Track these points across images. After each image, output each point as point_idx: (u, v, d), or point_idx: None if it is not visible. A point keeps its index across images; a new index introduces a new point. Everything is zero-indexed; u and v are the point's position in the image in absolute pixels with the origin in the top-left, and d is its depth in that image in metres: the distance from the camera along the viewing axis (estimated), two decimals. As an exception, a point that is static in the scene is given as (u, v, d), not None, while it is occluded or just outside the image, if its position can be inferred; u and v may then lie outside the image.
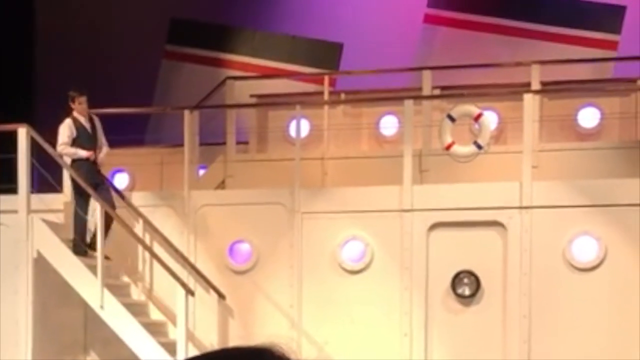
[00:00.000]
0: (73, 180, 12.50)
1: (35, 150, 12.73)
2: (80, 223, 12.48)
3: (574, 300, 11.76)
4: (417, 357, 12.11)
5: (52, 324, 12.64)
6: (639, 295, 11.57)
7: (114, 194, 13.08)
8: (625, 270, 11.70)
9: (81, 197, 12.47)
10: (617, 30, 15.15)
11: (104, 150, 12.82)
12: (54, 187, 12.74)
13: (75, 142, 12.60)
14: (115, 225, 12.56)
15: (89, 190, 12.33)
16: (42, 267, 12.31)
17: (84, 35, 18.62)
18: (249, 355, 1.09)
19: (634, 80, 14.12)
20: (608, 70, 15.06)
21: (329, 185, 13.68)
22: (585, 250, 11.87)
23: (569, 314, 11.74)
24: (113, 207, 12.52)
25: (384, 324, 12.28)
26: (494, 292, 12.01)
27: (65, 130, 12.60)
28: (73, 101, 12.68)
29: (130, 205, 13.00)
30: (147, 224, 12.92)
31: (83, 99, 12.67)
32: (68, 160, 12.65)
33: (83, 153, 12.55)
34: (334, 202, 12.57)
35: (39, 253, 12.32)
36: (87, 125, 12.72)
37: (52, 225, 12.56)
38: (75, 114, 12.70)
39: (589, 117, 14.11)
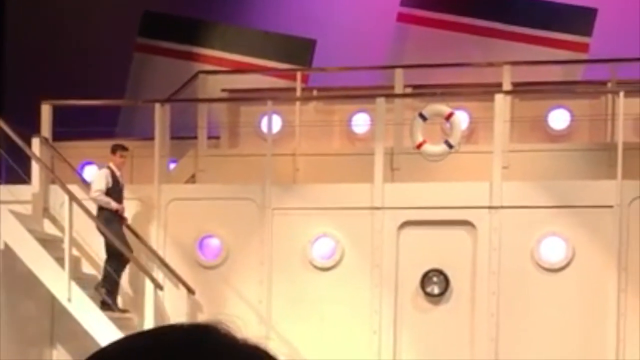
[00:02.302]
0: (105, 235, 12.24)
1: (4, 141, 12.63)
2: (111, 281, 12.28)
3: (542, 300, 11.84)
4: (386, 354, 12.14)
5: (19, 316, 12.55)
6: (606, 296, 11.67)
7: (83, 185, 13.02)
8: (593, 271, 11.80)
9: (114, 256, 12.23)
10: (588, 32, 15.26)
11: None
12: (22, 178, 12.65)
13: (107, 193, 12.39)
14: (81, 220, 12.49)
15: (126, 252, 12.15)
16: (9, 259, 12.21)
17: (55, 27, 18.50)
18: (194, 331, 1.08)
19: (604, 83, 14.22)
20: (578, 73, 15.17)
21: (300, 181, 13.68)
22: (553, 250, 11.95)
23: (536, 313, 11.82)
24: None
25: (353, 322, 12.30)
26: (462, 291, 12.08)
27: (102, 179, 12.41)
28: (114, 152, 12.53)
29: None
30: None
31: (126, 153, 12.58)
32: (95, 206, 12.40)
33: (114, 205, 12.34)
34: (304, 199, 12.57)
35: (5, 244, 12.22)
36: (121, 181, 12.57)
37: (20, 217, 12.47)
38: (112, 165, 12.51)
39: (559, 118, 14.21)
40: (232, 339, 1.07)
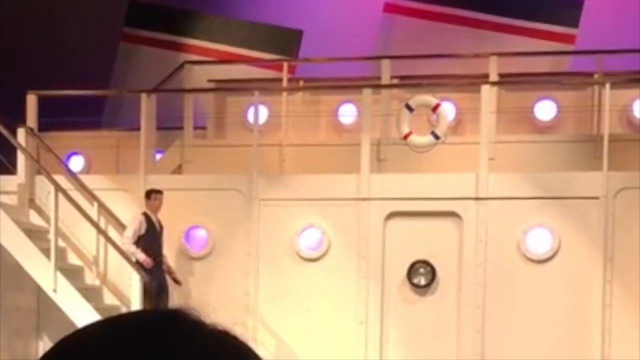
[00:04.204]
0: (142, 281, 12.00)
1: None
2: None
3: (528, 291, 11.87)
4: (372, 345, 12.16)
5: (5, 307, 12.52)
6: (592, 288, 11.71)
7: (69, 175, 12.98)
8: (579, 262, 11.83)
9: (155, 298, 12.01)
10: (574, 24, 15.28)
11: (167, 256, 12.35)
12: (8, 168, 12.61)
13: (142, 239, 12.17)
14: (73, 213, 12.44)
15: (155, 300, 11.90)
16: (-6, 250, 12.18)
17: (42, 17, 18.42)
18: (162, 316, 1.08)
19: (590, 74, 14.24)
20: (565, 64, 15.19)
21: (287, 172, 13.66)
22: (540, 242, 11.98)
23: (522, 304, 11.85)
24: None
25: (340, 313, 12.31)
26: (449, 282, 12.10)
27: (133, 225, 12.19)
28: (149, 197, 12.29)
29: (85, 188, 12.89)
30: (102, 207, 12.83)
31: (160, 196, 12.29)
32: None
33: (141, 256, 12.06)
34: (291, 190, 12.57)
35: (-9, 235, 12.19)
36: (158, 225, 12.31)
37: (5, 207, 12.43)
38: (147, 210, 12.30)
39: (545, 109, 14.23)
40: (200, 324, 1.07)
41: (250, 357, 1.07)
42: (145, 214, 12.27)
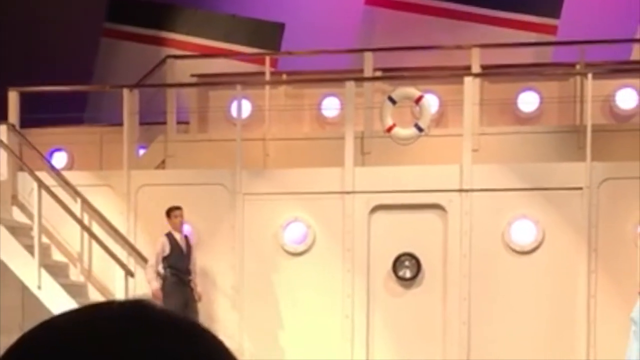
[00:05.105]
0: (167, 299, 11.82)
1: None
2: None
3: (513, 283, 11.90)
4: (358, 338, 12.17)
5: (-11, 304, 12.47)
6: (576, 278, 11.74)
7: (52, 172, 12.93)
8: (563, 253, 11.87)
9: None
10: (556, 14, 15.30)
11: (195, 270, 12.19)
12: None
13: (167, 259, 12.06)
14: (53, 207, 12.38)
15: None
16: (-22, 247, 12.12)
17: (23, 13, 18.31)
18: (129, 306, 1.08)
19: (572, 65, 14.26)
20: (547, 55, 15.21)
21: (271, 166, 13.64)
22: (524, 233, 12.01)
23: (507, 295, 11.88)
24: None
25: (325, 306, 12.32)
26: (434, 275, 12.11)
27: (157, 249, 12.06)
28: (169, 215, 12.15)
29: (68, 184, 12.85)
30: (86, 203, 12.78)
31: (179, 212, 12.14)
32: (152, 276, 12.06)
33: (153, 286, 11.96)
34: (275, 184, 12.55)
35: (-26, 233, 12.13)
36: (182, 243, 12.17)
37: (-11, 205, 12.38)
38: (171, 230, 12.17)
39: (528, 101, 14.25)
40: (169, 313, 1.07)
41: (219, 347, 1.06)
42: (168, 235, 12.13)
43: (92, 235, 12.63)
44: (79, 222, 12.67)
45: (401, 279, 12.16)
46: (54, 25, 18.04)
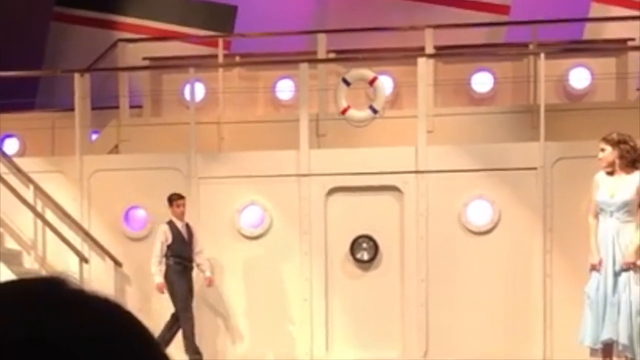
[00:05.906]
0: (172, 287, 11.73)
1: None
2: (188, 327, 11.71)
3: (470, 263, 11.94)
4: (317, 321, 12.16)
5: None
6: (532, 257, 11.82)
7: (4, 158, 12.76)
8: (519, 233, 11.92)
9: (183, 302, 11.71)
10: (508, -5, 15.35)
11: (202, 256, 11.96)
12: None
13: (170, 248, 11.82)
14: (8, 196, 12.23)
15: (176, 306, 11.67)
16: None
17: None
18: (40, 284, 1.06)
19: (525, 45, 14.32)
20: (500, 35, 15.27)
21: (226, 149, 13.56)
22: (480, 213, 12.05)
23: (465, 276, 11.92)
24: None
25: (284, 289, 12.29)
26: (392, 257, 12.12)
27: (160, 239, 11.81)
28: (171, 203, 11.93)
29: (20, 171, 12.68)
30: (39, 190, 12.63)
31: (182, 201, 11.91)
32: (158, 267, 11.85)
33: (157, 280, 11.71)
34: (231, 167, 12.48)
35: None
36: (184, 231, 11.95)
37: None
38: (173, 217, 11.95)
39: (482, 81, 14.29)
40: (81, 291, 1.05)
41: (131, 322, 1.05)
42: (169, 223, 11.96)
43: (46, 222, 12.49)
44: (32, 209, 12.52)
45: (359, 261, 12.16)
46: (3, 10, 17.77)
